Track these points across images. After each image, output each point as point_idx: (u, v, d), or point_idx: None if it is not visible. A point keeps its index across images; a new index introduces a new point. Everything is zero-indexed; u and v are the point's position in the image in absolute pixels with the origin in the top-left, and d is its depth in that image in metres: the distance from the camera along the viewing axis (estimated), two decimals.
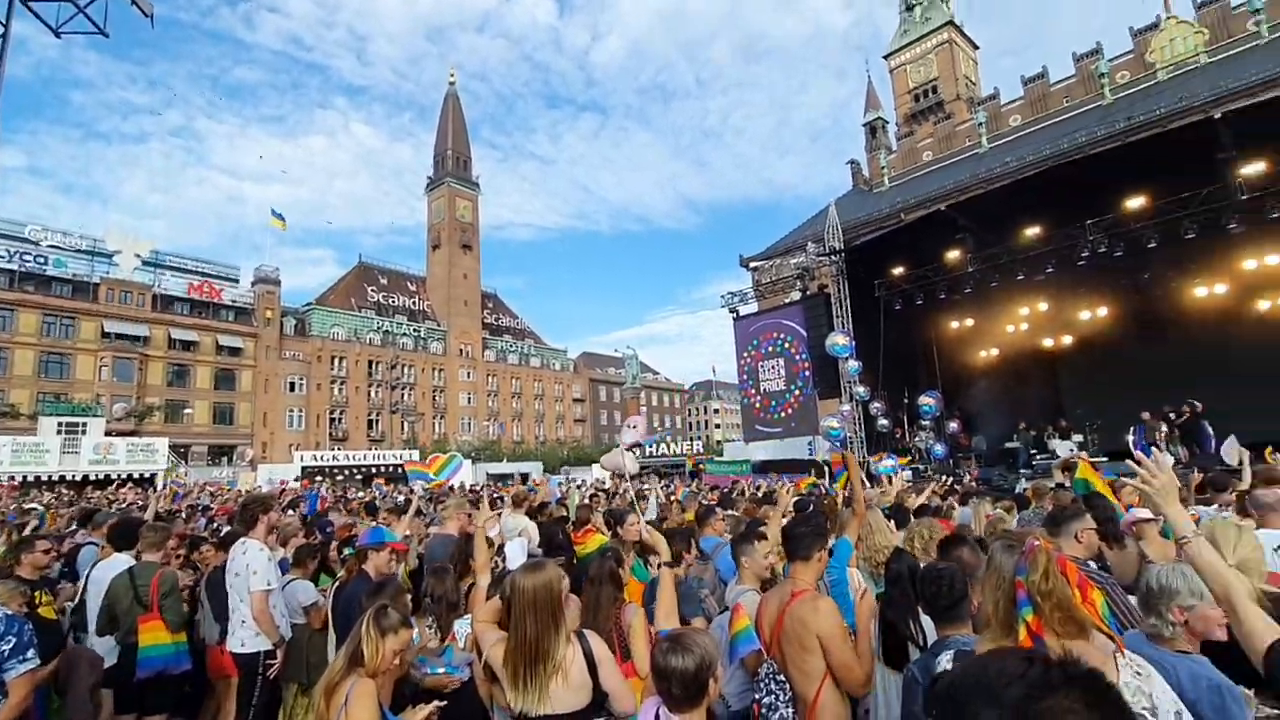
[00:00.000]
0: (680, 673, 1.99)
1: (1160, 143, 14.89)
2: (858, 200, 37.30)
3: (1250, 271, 15.85)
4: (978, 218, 17.48)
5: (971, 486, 10.75)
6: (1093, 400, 18.93)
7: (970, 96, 38.49)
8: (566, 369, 79.86)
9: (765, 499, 9.84)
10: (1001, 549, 1.86)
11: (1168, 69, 26.77)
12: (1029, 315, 20.05)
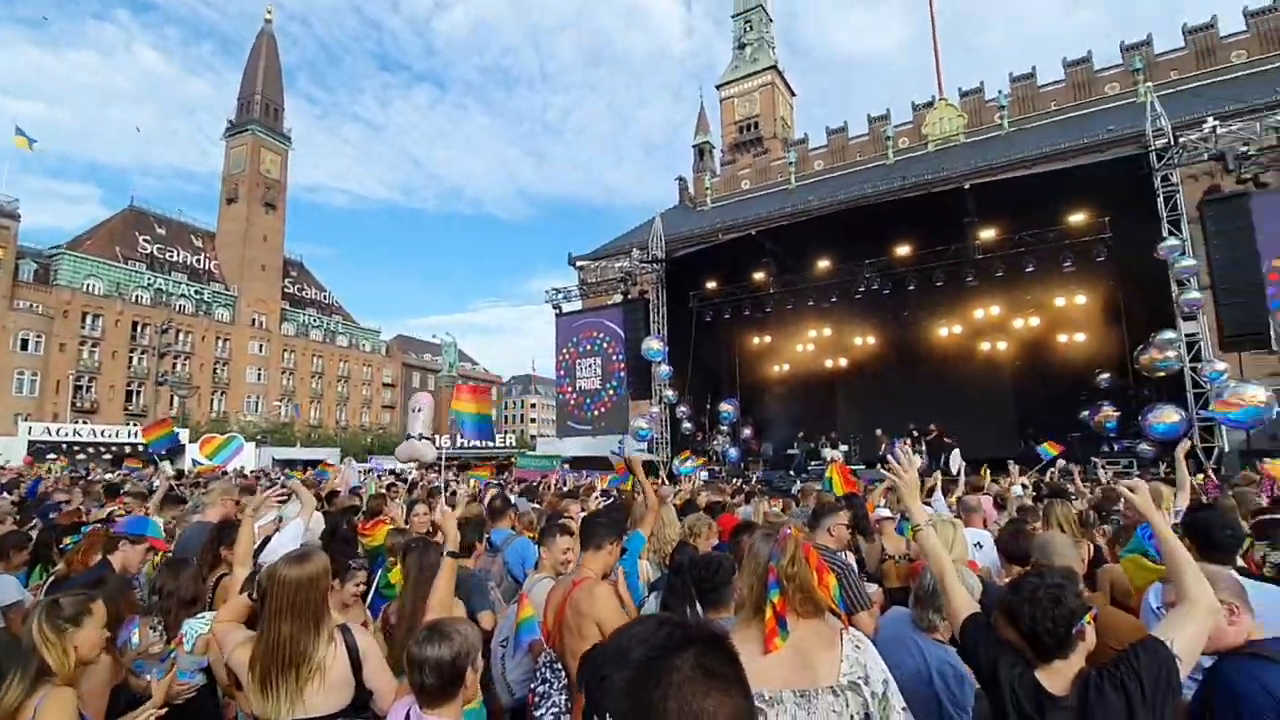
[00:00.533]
0: (435, 661, 1.93)
1: (924, 203, 17.69)
2: (682, 215, 39.43)
3: (978, 319, 19.36)
4: (783, 246, 19.39)
5: (755, 487, 11.89)
6: (860, 416, 21.86)
7: (785, 137, 42.52)
8: (378, 351, 74.57)
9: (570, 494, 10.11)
10: (761, 538, 1.95)
11: (936, 142, 31.84)
12: (815, 338, 22.63)
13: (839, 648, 1.74)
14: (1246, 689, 1.88)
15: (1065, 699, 1.78)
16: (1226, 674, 1.94)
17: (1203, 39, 27.88)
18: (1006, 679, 1.86)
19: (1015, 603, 1.89)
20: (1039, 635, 1.84)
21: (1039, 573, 2.01)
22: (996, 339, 20.42)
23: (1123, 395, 16.62)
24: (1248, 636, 2.02)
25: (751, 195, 37.69)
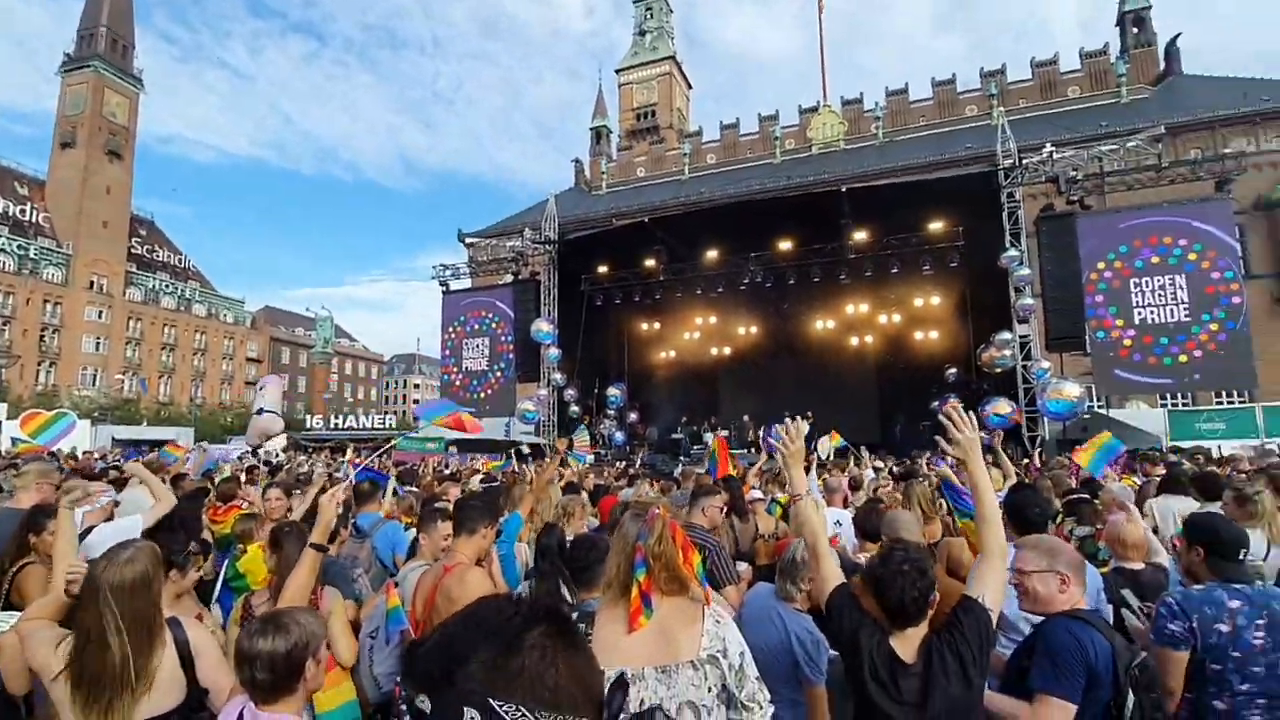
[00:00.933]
0: (268, 655, 1.77)
1: (806, 203, 18.65)
2: (577, 198, 39.15)
3: (849, 314, 20.79)
4: (674, 235, 19.76)
5: (638, 470, 12.16)
6: (741, 402, 22.85)
7: (681, 128, 43.24)
8: (242, 322, 68.35)
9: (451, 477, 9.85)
10: (630, 518, 1.96)
11: (819, 146, 33.62)
12: (702, 326, 23.35)
13: (701, 623, 1.79)
14: (1063, 641, 2.12)
15: (914, 666, 1.96)
16: (1048, 630, 2.20)
17: (1046, 73, 31.27)
18: (866, 646, 2.00)
19: (886, 574, 2.01)
20: (905, 605, 1.98)
21: (904, 547, 2.16)
22: (864, 334, 22.04)
23: (967, 388, 18.50)
24: (1073, 605, 2.27)
25: (646, 183, 38.06)
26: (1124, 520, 3.79)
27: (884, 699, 1.96)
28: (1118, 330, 15.30)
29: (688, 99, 47.71)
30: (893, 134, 32.46)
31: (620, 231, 21.00)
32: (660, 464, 17.07)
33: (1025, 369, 15.53)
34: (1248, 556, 2.61)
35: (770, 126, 35.54)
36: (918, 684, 1.94)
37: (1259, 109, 24.66)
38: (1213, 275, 15.14)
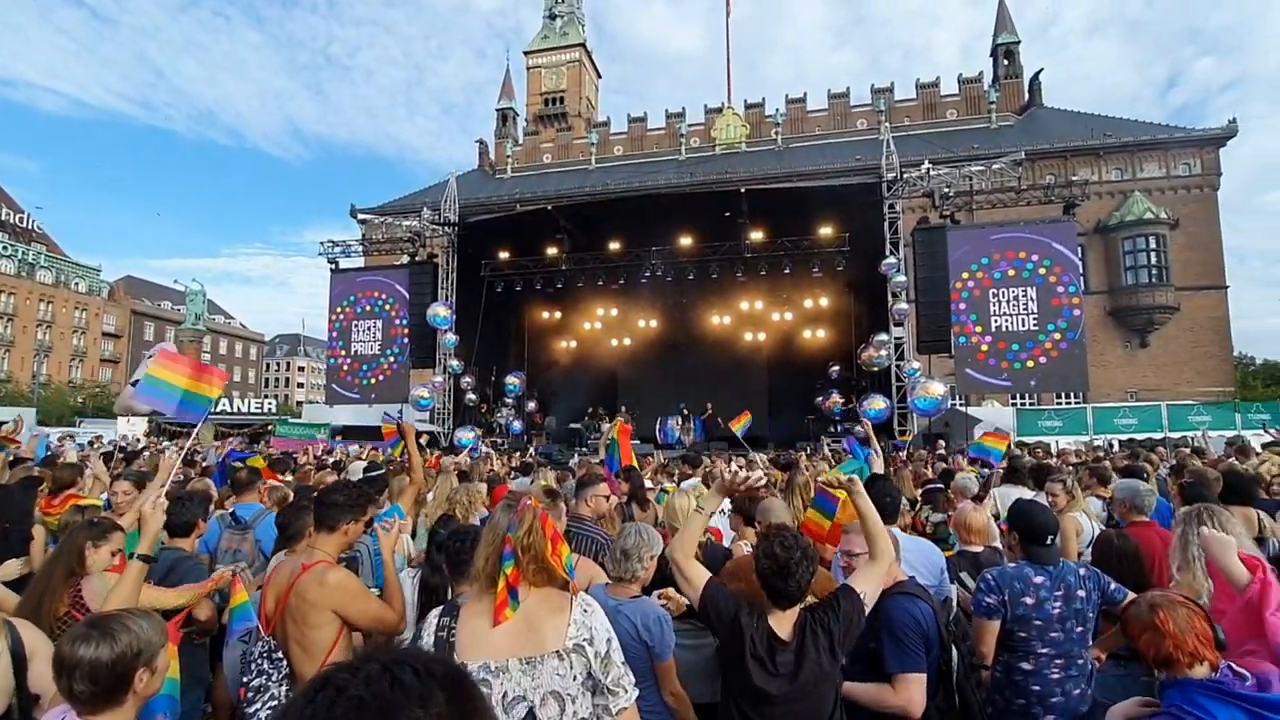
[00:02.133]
0: (90, 664, 1.60)
1: (707, 200, 19.18)
2: (480, 180, 38.10)
3: (744, 311, 21.61)
4: (577, 224, 19.72)
5: (534, 460, 12.11)
6: (640, 394, 23.22)
7: (589, 117, 43.03)
8: (97, 293, 61.32)
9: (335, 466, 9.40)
10: (501, 509, 1.95)
11: (723, 146, 34.55)
12: (603, 317, 23.46)
13: (568, 613, 1.81)
14: (902, 620, 2.37)
15: (790, 642, 2.13)
16: (886, 607, 2.43)
17: (929, 95, 33.73)
18: (747, 627, 2.14)
19: (791, 560, 2.14)
20: (801, 588, 2.15)
21: (793, 533, 2.31)
22: (758, 330, 22.99)
23: (848, 385, 19.76)
24: (894, 579, 2.54)
25: (552, 170, 37.64)
26: (969, 508, 4.25)
27: (760, 673, 2.11)
28: (976, 336, 16.84)
29: (597, 88, 47.53)
30: (791, 140, 33.91)
31: (524, 217, 20.69)
32: (557, 454, 17.07)
33: (899, 368, 16.77)
34: (1054, 540, 2.99)
35: (676, 123, 36.11)
36: (792, 658, 2.12)
37: (1102, 143, 27.84)
38: (1058, 289, 16.97)
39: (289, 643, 2.49)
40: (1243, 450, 8.67)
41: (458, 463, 7.74)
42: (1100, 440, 15.39)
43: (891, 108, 32.82)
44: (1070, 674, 2.77)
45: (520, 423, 21.95)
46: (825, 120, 34.36)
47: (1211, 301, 26.73)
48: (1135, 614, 1.91)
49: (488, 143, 42.03)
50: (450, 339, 19.48)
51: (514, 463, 12.26)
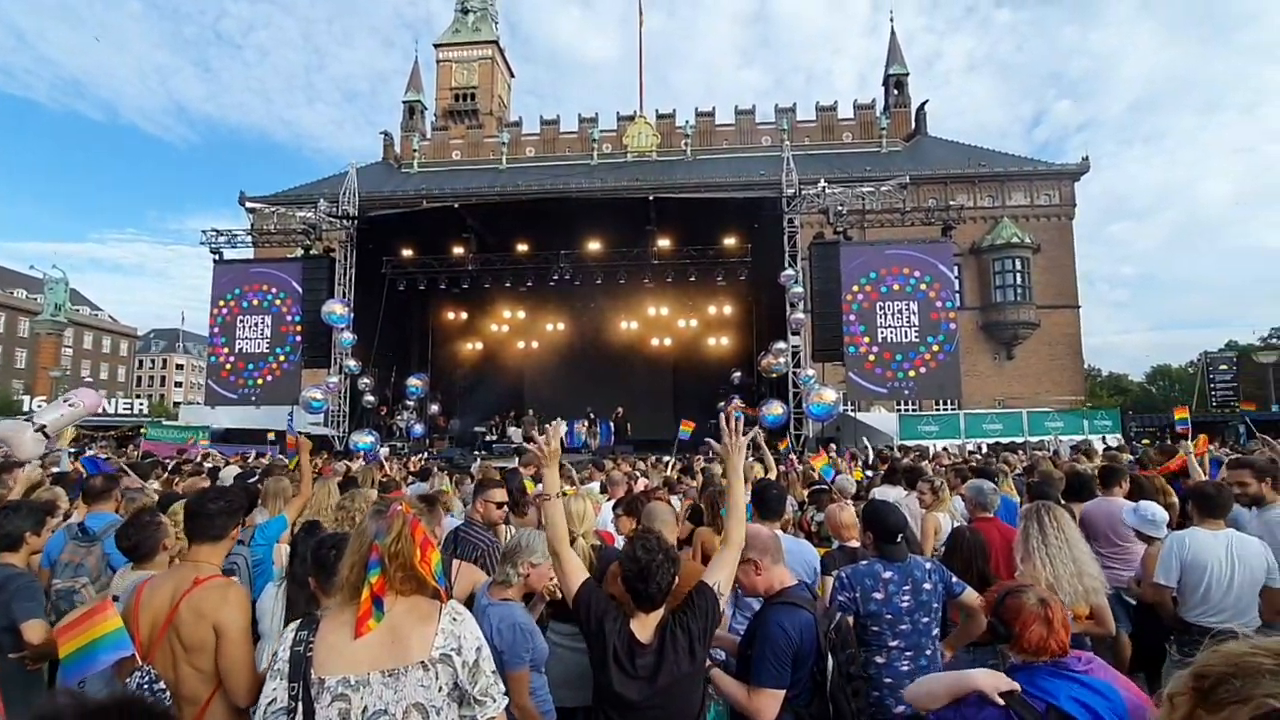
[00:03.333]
0: None
1: (617, 206, 19.42)
2: (384, 174, 36.68)
3: (651, 317, 22.01)
4: (486, 224, 19.40)
5: (433, 464, 11.80)
6: (547, 397, 23.10)
7: (501, 116, 42.38)
8: None
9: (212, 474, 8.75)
10: (370, 515, 1.87)
11: (634, 154, 35.03)
12: (510, 319, 23.19)
13: (436, 622, 1.75)
14: (773, 634, 2.33)
15: (650, 645, 2.14)
16: (763, 617, 2.44)
17: (827, 117, 35.67)
18: (610, 631, 2.14)
19: (653, 563, 2.13)
20: (661, 591, 2.15)
21: (657, 535, 2.32)
22: (664, 336, 23.46)
23: (748, 390, 20.54)
24: (779, 583, 2.53)
25: (461, 168, 36.78)
26: (839, 507, 4.56)
27: (620, 677, 2.11)
28: (865, 346, 17.98)
29: (509, 87, 46.87)
30: (700, 151, 34.85)
31: (430, 214, 20.12)
32: (459, 457, 16.69)
33: (795, 375, 17.62)
34: (903, 538, 3.16)
35: (589, 128, 36.24)
36: (652, 660, 2.12)
37: (977, 172, 30.45)
38: (937, 304, 18.39)
39: (177, 668, 2.25)
40: (1087, 453, 9.78)
41: (349, 468, 7.48)
42: (971, 444, 16.76)
43: (793, 127, 34.44)
44: (920, 665, 2.91)
45: (422, 426, 21.29)
46: (733, 135, 35.56)
47: (1066, 319, 29.83)
48: (1026, 605, 1.94)
49: (393, 135, 40.49)
50: (347, 338, 18.62)
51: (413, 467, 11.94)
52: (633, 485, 7.20)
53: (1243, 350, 35.70)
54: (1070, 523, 3.27)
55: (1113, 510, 4.54)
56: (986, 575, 3.49)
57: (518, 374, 24.94)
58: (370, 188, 29.65)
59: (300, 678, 1.64)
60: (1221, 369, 31.02)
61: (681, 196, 19.77)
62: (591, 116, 36.80)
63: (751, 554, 2.49)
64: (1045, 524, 3.17)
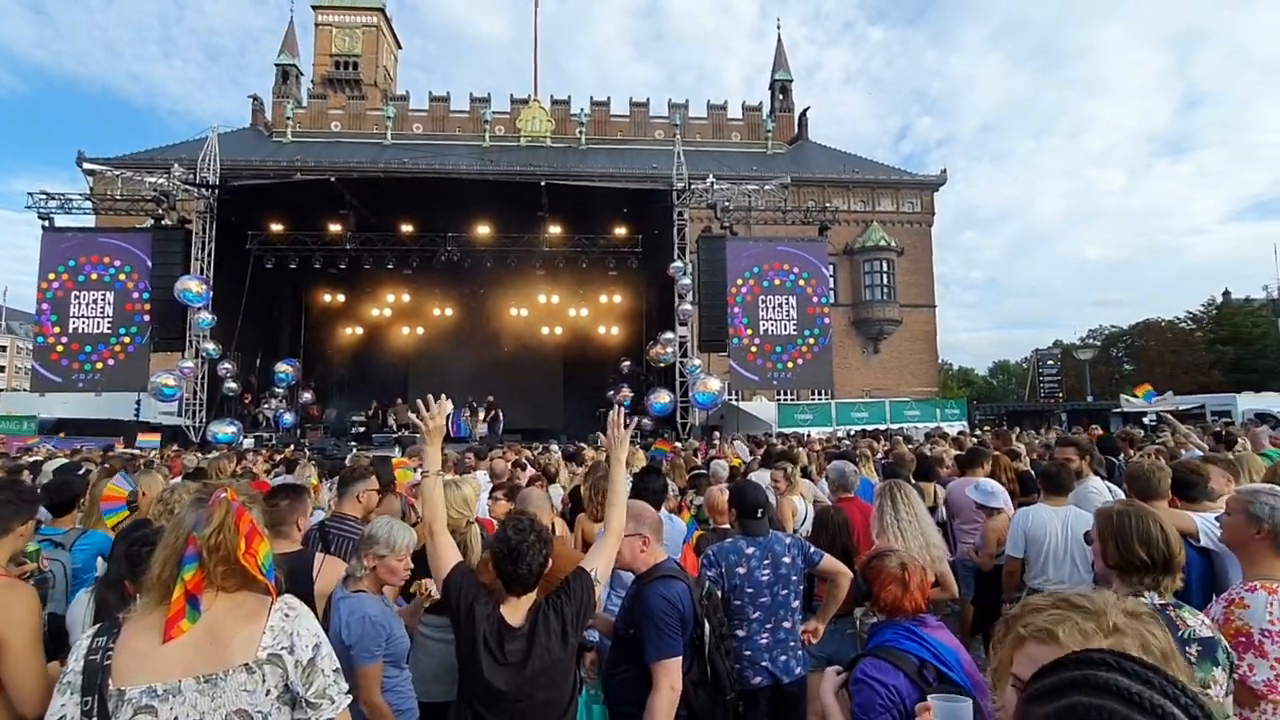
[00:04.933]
0: None
1: (509, 190, 19.03)
2: (253, 141, 33.80)
3: (542, 304, 21.82)
4: (366, 201, 18.40)
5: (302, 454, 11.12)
6: (432, 384, 22.25)
7: (386, 89, 40.15)
8: None
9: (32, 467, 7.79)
10: (190, 504, 1.69)
11: (528, 138, 34.42)
12: (394, 303, 22.18)
13: (264, 619, 1.59)
14: (659, 605, 2.33)
15: (521, 629, 2.09)
16: (644, 595, 2.41)
17: (717, 116, 36.75)
18: (480, 616, 2.08)
19: (524, 544, 2.09)
20: (531, 573, 2.11)
21: (530, 518, 2.27)
22: (554, 324, 23.36)
23: (637, 379, 20.94)
24: (655, 560, 2.56)
25: (342, 139, 34.55)
26: (718, 490, 4.79)
27: (489, 663, 2.05)
28: (747, 338, 18.82)
29: (395, 59, 44.45)
30: (594, 141, 34.81)
31: (303, 187, 18.73)
32: (332, 449, 15.83)
33: (682, 365, 18.15)
34: (764, 514, 3.32)
35: (481, 109, 35.17)
36: (523, 645, 2.07)
37: (851, 178, 32.60)
38: (814, 300, 19.55)
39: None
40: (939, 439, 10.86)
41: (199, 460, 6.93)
42: (841, 431, 18.03)
43: (686, 123, 35.18)
44: (778, 637, 3.06)
45: (293, 415, 19.98)
46: (627, 126, 35.79)
47: (925, 317, 32.70)
48: (886, 567, 2.12)
49: (264, 100, 37.29)
50: (205, 318, 17.04)
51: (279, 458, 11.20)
52: (515, 475, 7.09)
53: (1066, 348, 40.72)
54: (918, 499, 3.58)
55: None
56: (850, 550, 3.75)
57: (401, 360, 23.92)
58: (236, 155, 27.26)
59: (95, 690, 1.46)
60: (1049, 364, 35.24)
61: (575, 184, 19.66)
62: (484, 97, 35.74)
63: (643, 529, 2.51)
64: (897, 500, 3.46)
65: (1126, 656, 0.71)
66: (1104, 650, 0.74)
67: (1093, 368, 35.99)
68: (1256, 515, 2.05)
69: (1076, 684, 0.68)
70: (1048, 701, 0.69)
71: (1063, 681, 0.70)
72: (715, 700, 2.36)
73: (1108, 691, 0.66)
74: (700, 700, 2.33)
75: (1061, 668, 0.72)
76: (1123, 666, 0.69)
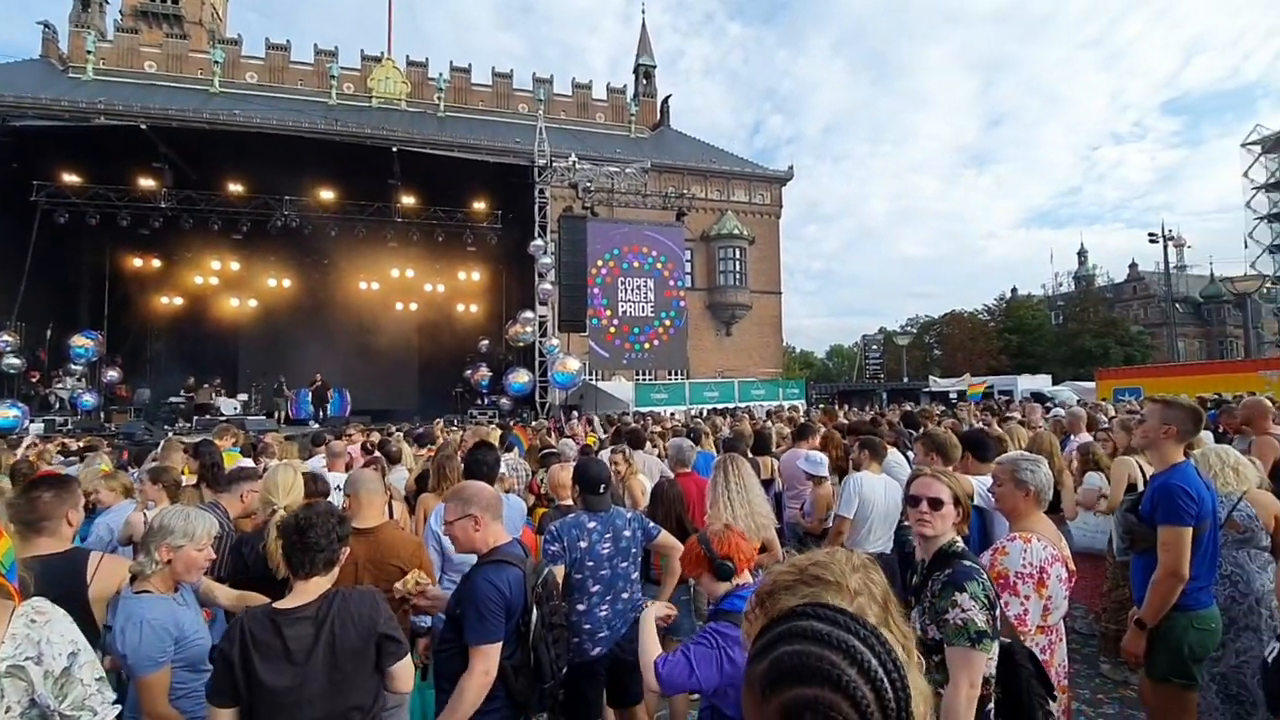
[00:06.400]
0: None
1: (357, 153, 17.83)
2: (43, 75, 28.80)
3: (395, 278, 20.77)
4: (187, 154, 16.43)
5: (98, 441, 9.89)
6: (270, 362, 20.50)
7: (214, 30, 35.76)
8: None
9: None
10: None
11: (380, 99, 32.27)
12: (221, 270, 20.07)
13: (3, 627, 1.46)
14: (484, 591, 2.27)
15: (305, 608, 1.94)
16: (472, 576, 2.37)
17: (582, 95, 36.62)
18: (264, 612, 1.96)
19: (309, 517, 2.00)
20: (321, 547, 2.00)
21: (326, 505, 2.20)
22: (409, 300, 22.36)
23: (495, 359, 20.65)
24: (494, 541, 2.49)
25: (157, 83, 30.32)
26: (559, 468, 4.92)
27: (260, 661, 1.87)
28: (606, 319, 19.24)
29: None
30: (453, 109, 33.36)
31: (108, 134, 16.31)
32: (142, 433, 14.19)
33: (541, 344, 18.17)
34: (606, 489, 3.39)
35: (327, 63, 32.37)
36: (310, 627, 1.93)
37: (709, 168, 33.98)
38: (671, 283, 20.34)
39: None
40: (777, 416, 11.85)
41: None
42: (695, 409, 19.01)
43: (550, 99, 34.72)
44: (617, 609, 3.13)
45: (94, 397, 17.57)
46: (489, 96, 34.64)
47: (772, 303, 35.04)
48: (715, 534, 2.28)
49: (58, 29, 31.76)
50: None
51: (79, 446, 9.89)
52: (352, 460, 6.75)
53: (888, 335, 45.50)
54: (749, 471, 3.88)
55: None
56: (684, 521, 4.02)
57: (231, 335, 21.75)
58: (19, 90, 23.24)
59: None
60: (873, 349, 39.16)
61: (431, 153, 18.77)
62: (330, 50, 32.93)
63: (474, 509, 2.44)
64: (729, 473, 3.74)
65: (821, 605, 0.80)
66: (806, 603, 0.82)
67: (909, 352, 40.59)
68: (1022, 480, 2.45)
69: (782, 637, 0.75)
70: (762, 658, 0.74)
71: (772, 638, 0.76)
72: (534, 687, 2.36)
73: (804, 637, 0.73)
74: (520, 685, 2.33)
75: (772, 625, 0.79)
76: (817, 613, 0.77)
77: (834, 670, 0.69)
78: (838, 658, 0.70)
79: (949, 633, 1.91)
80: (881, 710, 0.68)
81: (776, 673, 0.71)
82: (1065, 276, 61.73)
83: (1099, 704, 4.07)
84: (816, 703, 0.67)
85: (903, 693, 0.71)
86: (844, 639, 0.72)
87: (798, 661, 0.70)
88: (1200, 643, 2.81)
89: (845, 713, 0.67)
